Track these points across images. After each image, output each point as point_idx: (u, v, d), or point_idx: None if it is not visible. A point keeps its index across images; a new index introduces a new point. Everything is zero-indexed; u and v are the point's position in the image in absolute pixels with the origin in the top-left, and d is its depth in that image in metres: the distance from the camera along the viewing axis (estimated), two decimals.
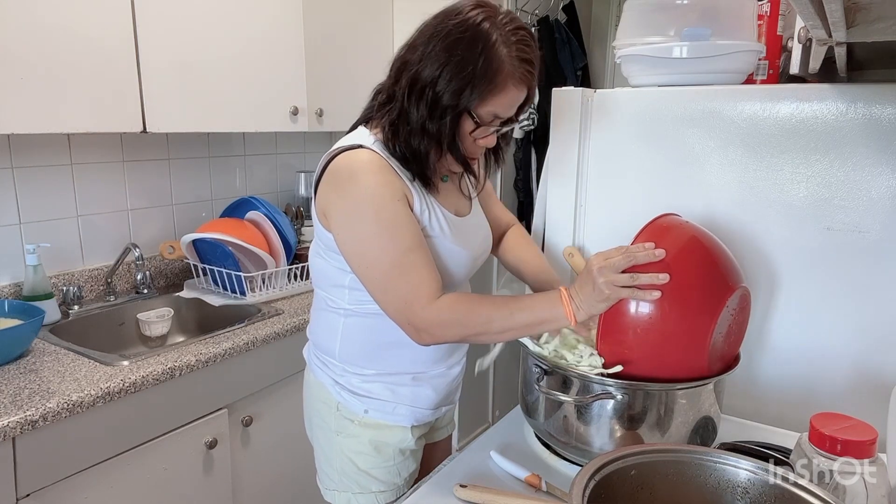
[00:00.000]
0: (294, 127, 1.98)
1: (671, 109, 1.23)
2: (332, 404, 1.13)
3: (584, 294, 0.92)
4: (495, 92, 0.95)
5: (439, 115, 0.96)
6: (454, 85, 0.94)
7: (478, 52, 0.93)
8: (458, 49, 0.93)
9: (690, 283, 0.91)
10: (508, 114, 1.00)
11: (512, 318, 0.95)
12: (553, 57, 2.89)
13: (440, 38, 0.95)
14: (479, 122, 0.98)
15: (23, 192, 1.68)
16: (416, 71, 0.96)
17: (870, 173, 1.07)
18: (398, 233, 0.97)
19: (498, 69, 0.93)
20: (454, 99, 0.95)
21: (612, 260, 0.90)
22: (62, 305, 1.73)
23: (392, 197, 0.97)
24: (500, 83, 0.94)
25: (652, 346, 0.91)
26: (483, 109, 0.97)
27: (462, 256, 1.08)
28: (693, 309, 0.91)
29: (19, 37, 1.34)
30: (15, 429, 1.14)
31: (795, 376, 1.18)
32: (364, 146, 1.00)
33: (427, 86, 0.95)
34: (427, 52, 0.95)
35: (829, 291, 1.13)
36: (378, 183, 0.97)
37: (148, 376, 1.35)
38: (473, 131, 0.99)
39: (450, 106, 0.95)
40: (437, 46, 0.95)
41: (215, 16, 1.72)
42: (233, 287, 1.85)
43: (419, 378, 1.12)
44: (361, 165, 0.98)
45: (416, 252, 0.97)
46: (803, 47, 1.06)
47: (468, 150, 1.02)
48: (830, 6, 0.63)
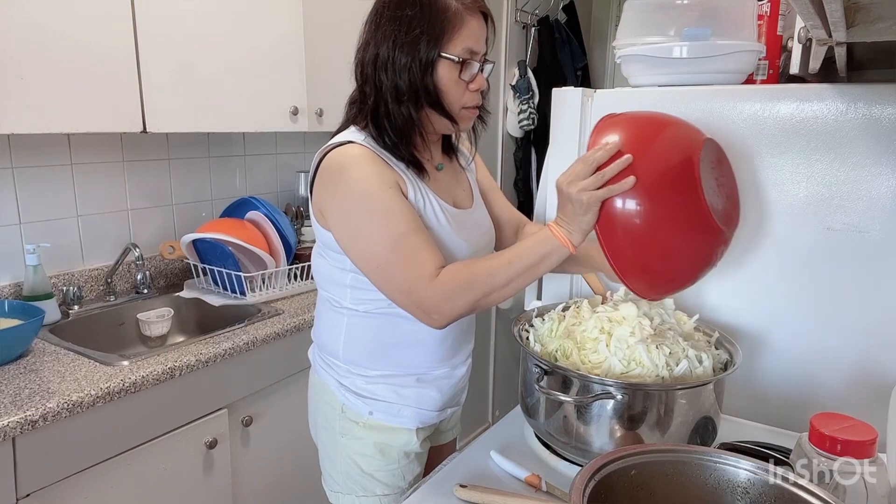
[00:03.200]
0: (294, 127, 1.98)
1: (671, 109, 1.23)
2: (336, 406, 1.13)
3: (567, 215, 0.92)
4: (454, 29, 0.97)
5: (408, 77, 0.98)
6: (409, 42, 0.96)
7: (418, 4, 0.96)
8: (401, 13, 0.97)
9: (656, 156, 0.90)
10: (480, 47, 1.01)
11: (511, 266, 0.95)
12: (553, 57, 2.89)
13: (382, 16, 0.99)
14: (459, 60, 0.99)
15: (23, 192, 1.68)
16: (374, 55, 1.00)
17: (870, 173, 1.07)
18: (392, 219, 0.97)
19: (445, 6, 0.96)
20: (412, 53, 0.97)
21: (575, 170, 0.91)
22: (62, 305, 1.73)
23: (382, 185, 0.97)
24: (452, 17, 0.97)
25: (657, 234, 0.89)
26: (453, 49, 0.98)
27: (462, 249, 1.07)
28: (672, 176, 0.89)
29: (19, 37, 1.34)
30: (15, 429, 1.14)
31: (795, 376, 1.18)
32: (353, 142, 1.01)
33: (387, 61, 0.98)
34: (377, 36, 1.00)
35: (829, 291, 1.13)
36: (368, 173, 0.98)
37: (148, 376, 1.35)
38: (461, 73, 1.00)
39: (412, 62, 0.97)
40: (382, 25, 0.99)
41: (215, 16, 1.72)
42: (233, 287, 1.85)
43: (423, 379, 1.12)
44: (351, 160, 0.99)
45: (413, 235, 0.97)
46: (803, 47, 1.06)
47: (464, 101, 1.03)
48: (830, 6, 0.63)
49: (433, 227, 1.04)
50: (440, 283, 0.95)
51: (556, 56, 2.89)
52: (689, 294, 1.23)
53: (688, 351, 0.96)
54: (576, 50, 2.93)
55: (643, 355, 0.93)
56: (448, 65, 0.99)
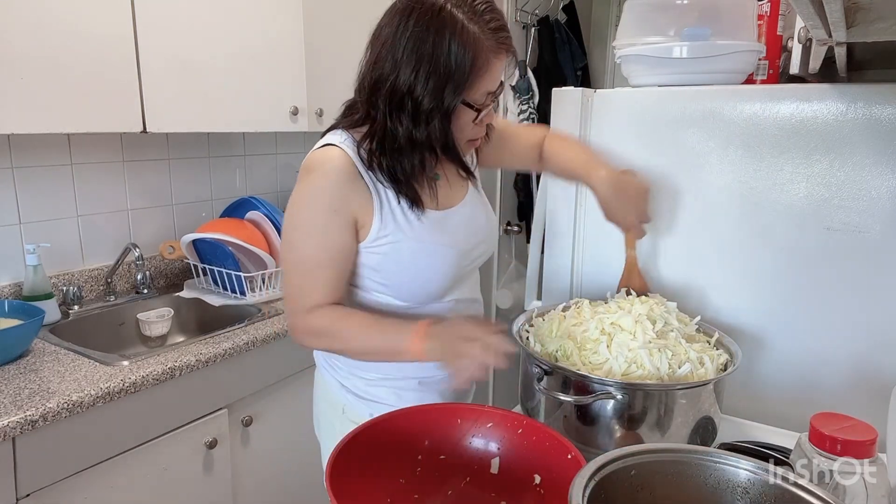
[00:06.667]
0: (294, 127, 1.98)
1: (671, 109, 1.23)
2: (337, 407, 1.13)
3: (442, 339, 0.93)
4: (480, 73, 0.91)
5: (425, 121, 0.92)
6: (433, 89, 0.90)
7: (447, 41, 0.88)
8: (426, 45, 0.88)
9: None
10: (497, 86, 0.97)
11: (369, 341, 0.98)
12: (553, 57, 2.89)
13: (406, 39, 0.89)
14: (478, 108, 0.95)
15: (23, 192, 1.68)
16: (390, 87, 0.92)
17: (870, 173, 1.07)
18: (313, 241, 0.98)
19: (476, 50, 0.89)
20: (436, 101, 0.90)
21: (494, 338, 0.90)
22: (62, 305, 1.73)
23: (328, 207, 0.97)
24: (482, 63, 0.90)
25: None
26: (475, 95, 0.93)
27: (448, 255, 1.05)
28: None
29: (19, 37, 1.35)
30: (15, 429, 1.14)
31: (795, 376, 1.18)
32: (336, 145, 0.99)
33: (404, 99, 0.91)
34: (393, 59, 0.91)
35: (829, 291, 1.13)
36: (322, 188, 0.97)
37: (148, 376, 1.35)
38: (476, 119, 0.97)
39: (434, 108, 0.91)
40: (406, 49, 0.89)
41: (215, 16, 1.72)
42: (233, 287, 1.85)
43: (425, 383, 1.12)
44: (318, 166, 0.98)
45: (319, 268, 0.98)
46: (803, 47, 1.06)
47: (470, 135, 1.00)
48: (830, 6, 0.63)
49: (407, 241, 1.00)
50: (310, 318, 0.98)
51: (556, 56, 2.89)
52: (690, 295, 1.24)
53: (689, 353, 0.96)
54: (576, 50, 2.93)
55: (645, 359, 0.93)
56: (466, 110, 0.94)
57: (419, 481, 0.86)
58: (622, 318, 1.00)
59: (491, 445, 0.89)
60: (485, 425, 0.89)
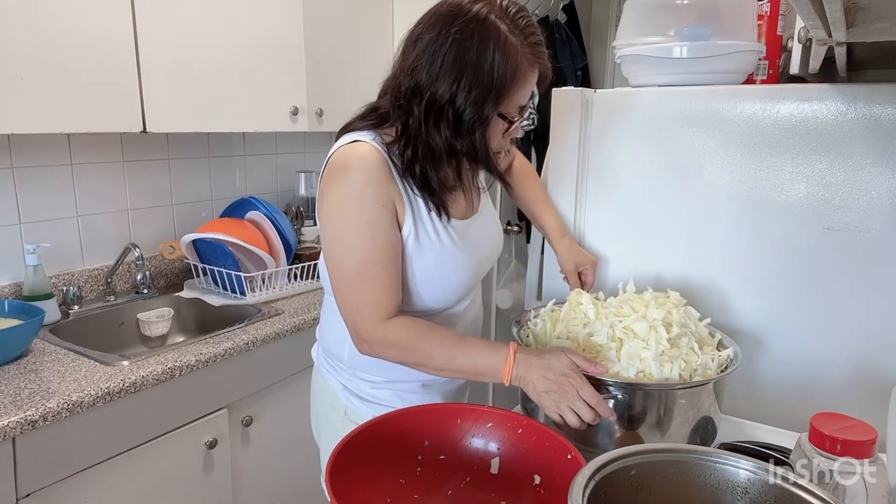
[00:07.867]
0: (294, 127, 1.97)
1: (671, 109, 1.23)
2: (339, 408, 1.13)
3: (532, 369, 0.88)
4: (518, 85, 0.91)
5: (469, 131, 0.91)
6: (475, 94, 0.88)
7: (491, 50, 0.87)
8: (470, 54, 0.87)
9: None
10: (528, 100, 0.97)
11: (452, 361, 0.94)
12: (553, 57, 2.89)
13: (448, 46, 0.88)
14: (511, 120, 0.94)
15: (23, 192, 1.68)
16: (430, 96, 0.90)
17: (870, 173, 1.07)
18: (372, 242, 0.94)
19: (517, 63, 0.89)
20: (477, 110, 0.89)
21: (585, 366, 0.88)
22: (62, 305, 1.73)
23: (375, 201, 0.93)
24: (521, 76, 0.90)
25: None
26: (509, 107, 0.93)
27: (467, 264, 1.05)
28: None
29: (19, 37, 1.34)
30: (15, 429, 1.14)
31: (795, 376, 1.18)
32: (364, 140, 0.96)
33: (444, 110, 0.90)
34: (439, 68, 0.88)
35: (829, 291, 1.13)
36: (366, 182, 0.93)
37: (148, 376, 1.35)
38: (507, 130, 0.96)
39: (476, 119, 0.90)
40: (448, 57, 0.88)
41: (215, 15, 1.72)
42: (233, 287, 1.85)
43: (429, 385, 1.11)
44: (355, 161, 0.94)
45: (382, 267, 0.94)
46: (803, 47, 1.06)
47: (496, 148, 0.99)
48: (830, 6, 0.63)
49: (433, 248, 1.00)
50: (386, 329, 0.94)
51: (556, 56, 2.89)
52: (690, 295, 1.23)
53: (701, 360, 0.95)
54: (576, 50, 2.93)
55: (654, 371, 0.92)
56: (499, 121, 0.93)
57: (419, 481, 0.86)
58: (636, 324, 0.98)
59: (491, 445, 0.89)
60: (485, 425, 0.89)
